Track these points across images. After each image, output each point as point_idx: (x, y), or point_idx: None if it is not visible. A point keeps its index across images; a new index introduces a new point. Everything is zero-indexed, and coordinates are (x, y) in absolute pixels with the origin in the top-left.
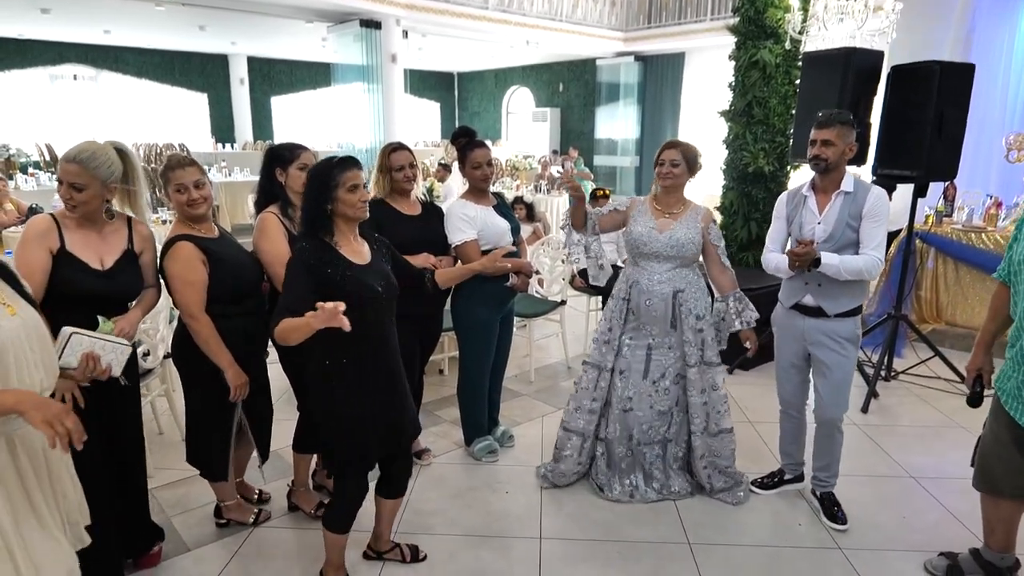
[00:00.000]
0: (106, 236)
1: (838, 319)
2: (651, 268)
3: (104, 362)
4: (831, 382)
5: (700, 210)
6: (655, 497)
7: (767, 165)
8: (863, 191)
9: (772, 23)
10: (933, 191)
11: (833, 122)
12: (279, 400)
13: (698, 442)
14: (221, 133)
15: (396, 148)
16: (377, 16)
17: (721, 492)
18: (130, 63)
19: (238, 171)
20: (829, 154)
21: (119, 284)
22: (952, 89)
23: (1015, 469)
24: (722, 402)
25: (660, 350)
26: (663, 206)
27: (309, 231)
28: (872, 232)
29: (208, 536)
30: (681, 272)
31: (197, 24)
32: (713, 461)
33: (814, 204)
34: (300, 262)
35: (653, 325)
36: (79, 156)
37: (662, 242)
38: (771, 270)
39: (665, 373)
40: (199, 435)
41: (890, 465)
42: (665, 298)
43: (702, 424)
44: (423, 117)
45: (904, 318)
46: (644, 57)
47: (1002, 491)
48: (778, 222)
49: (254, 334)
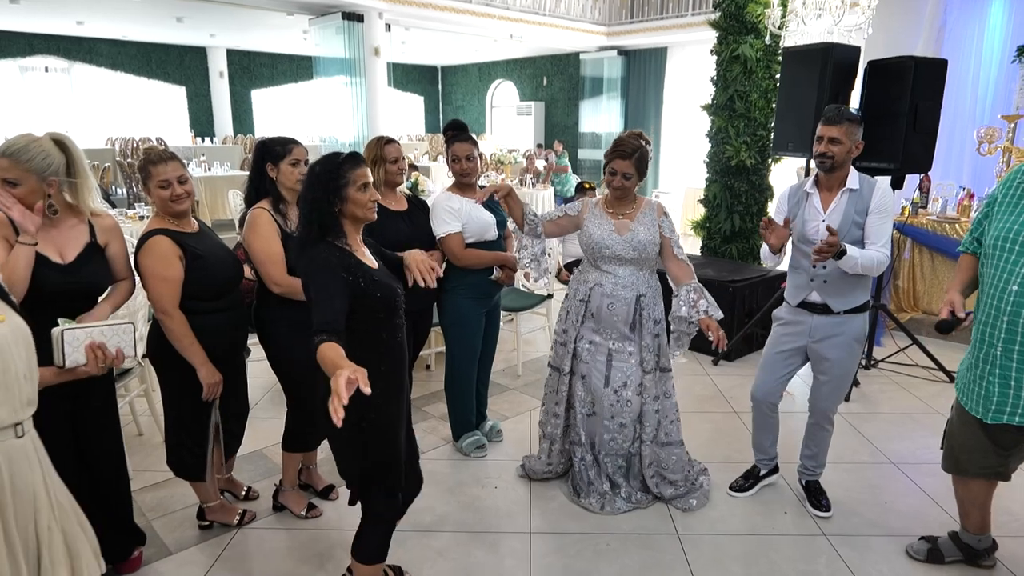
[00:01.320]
0: (64, 230)
1: (847, 315)
2: (614, 271)
3: (111, 347)
4: (833, 378)
5: (653, 205)
6: (625, 508)
7: (749, 158)
8: (868, 187)
9: (752, 18)
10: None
11: (841, 119)
12: (263, 398)
13: (646, 451)
14: (200, 127)
15: (388, 141)
16: (359, 9)
17: (673, 499)
18: (104, 55)
19: (218, 166)
20: (836, 151)
21: (82, 277)
22: (926, 84)
23: (978, 448)
24: (674, 411)
25: (621, 355)
26: (615, 208)
27: (319, 234)
28: (881, 228)
29: (191, 539)
30: (643, 275)
31: (174, 15)
32: (659, 472)
33: (818, 202)
34: (330, 271)
35: (612, 329)
36: (9, 150)
37: (623, 244)
38: (764, 259)
39: (627, 382)
40: (177, 434)
41: (872, 452)
42: (628, 302)
43: (652, 432)
44: (407, 111)
45: (883, 307)
46: (627, 51)
47: (968, 471)
48: (777, 217)
49: (233, 331)
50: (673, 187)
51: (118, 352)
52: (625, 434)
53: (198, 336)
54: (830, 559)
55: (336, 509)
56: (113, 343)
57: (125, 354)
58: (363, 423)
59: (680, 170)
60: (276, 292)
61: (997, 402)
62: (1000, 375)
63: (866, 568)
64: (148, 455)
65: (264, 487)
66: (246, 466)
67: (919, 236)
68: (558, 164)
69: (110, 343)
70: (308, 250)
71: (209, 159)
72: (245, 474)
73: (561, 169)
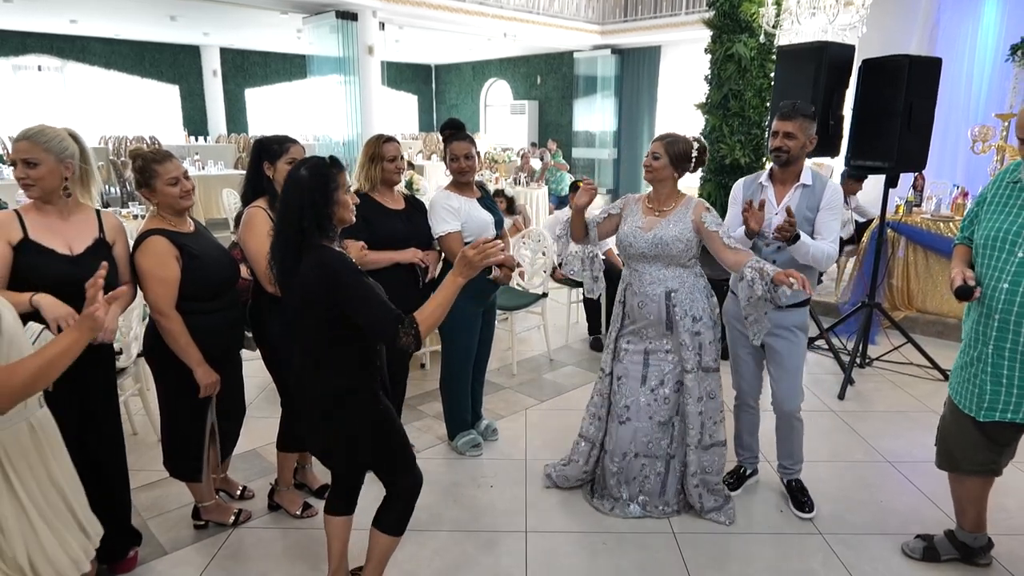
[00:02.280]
0: (73, 223)
1: (789, 309)
2: (641, 269)
3: None
4: (786, 370)
5: (692, 203)
6: (638, 513)
7: (743, 157)
8: (820, 184)
9: (746, 17)
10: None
11: (796, 114)
12: (258, 397)
13: (692, 456)
14: (194, 126)
15: (388, 139)
16: (353, 8)
17: (712, 512)
18: (98, 54)
19: (212, 165)
20: (791, 146)
21: (90, 270)
22: (920, 82)
23: (971, 444)
24: (718, 411)
25: (657, 355)
26: (654, 203)
27: (318, 239)
28: (830, 224)
29: (186, 539)
30: (673, 271)
31: (168, 14)
32: (704, 479)
33: (772, 195)
34: (357, 271)
35: (648, 328)
36: (28, 133)
37: (646, 241)
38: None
39: (664, 380)
40: (173, 435)
41: (867, 450)
42: (657, 299)
43: (696, 436)
44: (401, 110)
45: (877, 306)
46: (621, 50)
47: (961, 468)
48: (734, 207)
49: (230, 330)
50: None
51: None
52: (665, 432)
53: (195, 336)
54: (826, 557)
55: None
56: None
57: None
58: (384, 423)
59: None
60: (271, 291)
61: (990, 400)
62: (992, 373)
63: (862, 566)
64: (143, 455)
65: (260, 486)
66: (241, 465)
67: (913, 234)
68: (556, 162)
69: None
70: (316, 255)
71: (203, 158)
72: (240, 473)
73: (561, 166)
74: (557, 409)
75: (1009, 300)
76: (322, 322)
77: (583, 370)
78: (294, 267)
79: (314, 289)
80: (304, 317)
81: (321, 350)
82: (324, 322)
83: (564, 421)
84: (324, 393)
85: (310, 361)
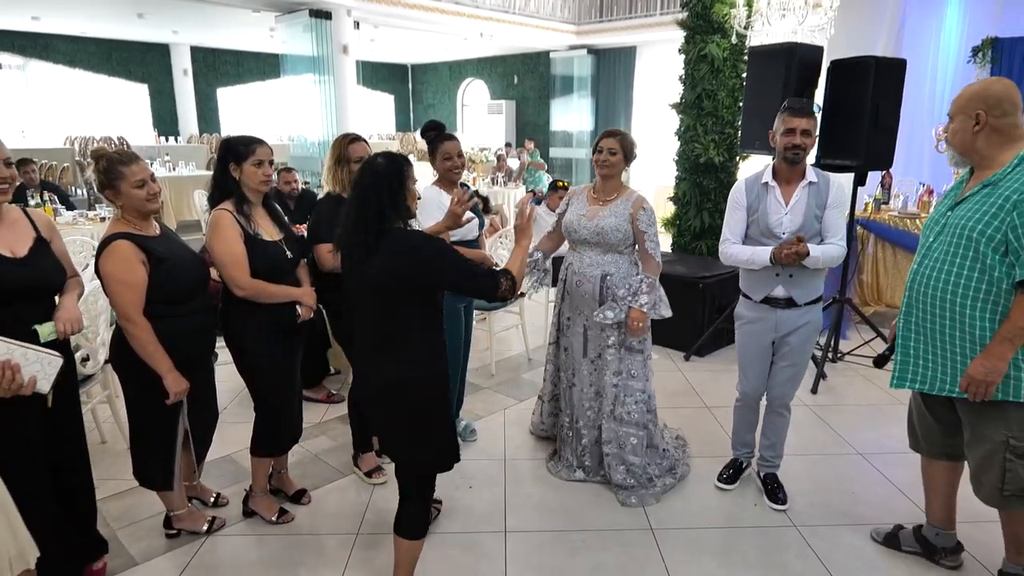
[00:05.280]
0: (8, 226)
1: (807, 307)
2: (583, 252)
3: (27, 373)
4: (795, 366)
5: (632, 196)
6: (580, 477)
7: (717, 156)
8: (824, 181)
9: (719, 18)
10: (871, 180)
11: (809, 111)
12: (232, 402)
13: (605, 424)
14: (164, 126)
15: (354, 139)
16: (327, 6)
17: (619, 487)
18: (62, 52)
19: (183, 165)
20: (808, 143)
21: (40, 272)
22: (886, 83)
23: (927, 427)
24: (638, 393)
25: (594, 329)
26: (600, 193)
27: (395, 222)
28: (838, 222)
29: (158, 548)
30: (611, 257)
31: (135, 11)
32: (620, 455)
33: (780, 195)
34: (441, 242)
35: (584, 305)
36: None
37: (588, 229)
38: (736, 262)
39: (601, 353)
40: (142, 443)
41: (839, 443)
42: (593, 280)
43: (610, 406)
44: (377, 109)
45: (848, 302)
46: (597, 50)
47: (923, 449)
48: (738, 212)
49: (201, 335)
50: (643, 185)
51: (31, 380)
52: (600, 403)
53: (165, 342)
54: (800, 549)
55: (308, 514)
56: (31, 370)
57: (37, 387)
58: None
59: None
60: (240, 295)
61: (899, 369)
62: (902, 344)
63: (835, 557)
64: (112, 463)
65: (234, 493)
66: (215, 472)
67: (881, 231)
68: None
69: (29, 368)
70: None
71: (174, 159)
72: (214, 480)
73: (538, 165)
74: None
75: (915, 279)
76: (401, 303)
77: None
78: (373, 250)
79: (405, 270)
80: (377, 301)
81: (392, 333)
82: (403, 303)
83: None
84: (390, 378)
85: (380, 343)
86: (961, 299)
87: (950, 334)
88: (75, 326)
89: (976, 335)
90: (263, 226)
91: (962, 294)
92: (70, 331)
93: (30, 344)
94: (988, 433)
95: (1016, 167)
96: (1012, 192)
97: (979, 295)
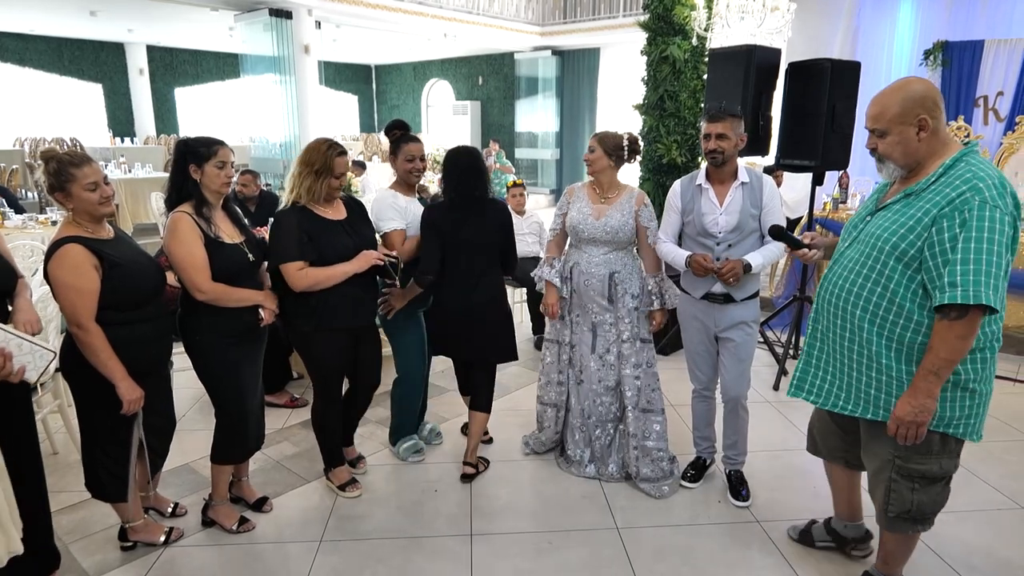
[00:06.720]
0: None
1: (744, 303)
2: (590, 251)
3: (18, 362)
4: (739, 360)
5: (634, 193)
6: (592, 474)
7: (680, 156)
8: (757, 180)
9: (680, 20)
10: (829, 180)
11: (724, 115)
12: (191, 409)
13: (630, 416)
14: (119, 127)
15: (341, 152)
16: (287, 5)
17: (645, 482)
18: (11, 50)
19: (139, 167)
20: (725, 146)
21: None
22: (842, 85)
23: (826, 431)
24: (655, 380)
25: (603, 327)
26: (599, 191)
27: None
28: (775, 221)
29: (112, 561)
30: (617, 255)
31: (87, 9)
32: (643, 445)
33: (713, 195)
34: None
35: (592, 302)
36: None
37: (598, 227)
38: (667, 260)
39: (610, 348)
40: (95, 453)
41: (800, 439)
42: (602, 278)
43: (634, 398)
44: (340, 110)
45: (808, 299)
46: (561, 51)
47: (821, 452)
48: (672, 214)
49: (157, 342)
50: None
51: (20, 370)
52: (612, 396)
53: (119, 349)
54: (763, 544)
55: (271, 522)
56: (22, 360)
57: (27, 376)
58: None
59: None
60: (200, 299)
61: (799, 377)
62: (806, 351)
63: (796, 550)
64: (64, 475)
65: (192, 502)
66: (173, 481)
67: (840, 230)
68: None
69: (21, 358)
70: (498, 205)
71: (129, 160)
72: (172, 489)
73: (506, 169)
74: (502, 410)
75: (823, 285)
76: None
77: (528, 370)
78: (481, 215)
79: (508, 226)
80: (489, 250)
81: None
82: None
83: (509, 421)
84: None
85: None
86: (860, 313)
87: (848, 348)
88: (35, 327)
89: (872, 352)
90: (224, 229)
91: (862, 307)
92: (30, 332)
93: (25, 335)
94: (877, 450)
95: (939, 177)
96: (932, 206)
97: (877, 313)
